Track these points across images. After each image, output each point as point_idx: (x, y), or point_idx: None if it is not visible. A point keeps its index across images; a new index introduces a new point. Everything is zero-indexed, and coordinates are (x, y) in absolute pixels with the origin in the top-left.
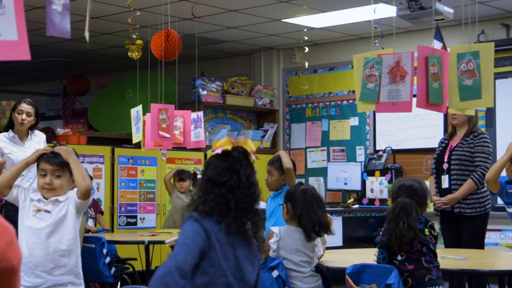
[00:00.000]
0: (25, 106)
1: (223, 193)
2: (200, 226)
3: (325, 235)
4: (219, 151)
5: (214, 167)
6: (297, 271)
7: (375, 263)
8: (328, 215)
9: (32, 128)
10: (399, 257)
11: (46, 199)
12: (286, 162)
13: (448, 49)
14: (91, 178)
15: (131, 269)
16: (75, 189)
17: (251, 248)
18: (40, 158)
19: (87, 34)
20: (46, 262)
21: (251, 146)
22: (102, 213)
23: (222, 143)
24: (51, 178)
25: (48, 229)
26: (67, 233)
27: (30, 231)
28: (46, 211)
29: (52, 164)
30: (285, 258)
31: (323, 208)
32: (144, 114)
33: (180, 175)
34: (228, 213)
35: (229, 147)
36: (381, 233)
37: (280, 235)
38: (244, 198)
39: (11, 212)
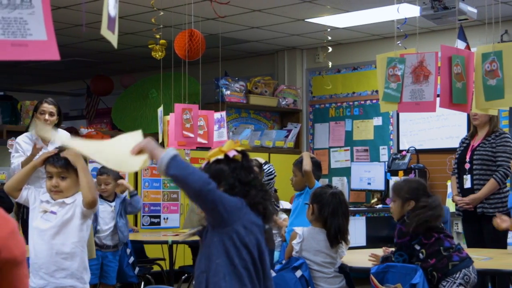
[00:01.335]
0: (47, 106)
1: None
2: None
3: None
4: (234, 152)
5: (234, 169)
6: (320, 271)
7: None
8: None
9: (55, 127)
10: (420, 255)
11: (54, 200)
12: (305, 164)
13: (472, 49)
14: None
15: (157, 269)
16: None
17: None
18: (46, 161)
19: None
20: (49, 264)
21: (238, 144)
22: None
23: (229, 146)
24: (57, 180)
25: (53, 230)
26: (71, 236)
27: (36, 231)
28: (52, 212)
29: (57, 166)
30: (308, 259)
31: (346, 216)
32: (167, 114)
33: None
34: (265, 204)
35: (242, 147)
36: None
37: (303, 236)
38: (264, 188)
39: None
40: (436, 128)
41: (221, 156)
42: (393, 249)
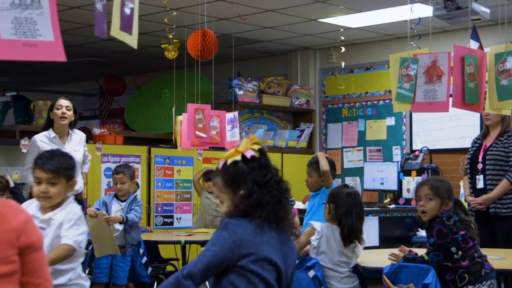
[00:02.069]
0: (63, 101)
1: (272, 191)
2: (230, 236)
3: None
4: (252, 152)
5: (252, 170)
6: (335, 270)
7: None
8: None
9: (72, 126)
10: (455, 256)
11: (42, 213)
12: (323, 164)
13: (485, 49)
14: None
15: (170, 269)
16: (67, 224)
17: (288, 244)
18: (35, 164)
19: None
20: None
21: (258, 140)
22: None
23: (246, 146)
24: (46, 186)
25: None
26: None
27: None
28: (41, 228)
29: (47, 171)
30: (325, 255)
31: (361, 216)
32: (180, 114)
33: (209, 175)
34: (282, 207)
35: (259, 146)
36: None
37: (322, 232)
38: (283, 187)
39: None
40: (449, 128)
41: (238, 157)
42: (408, 248)
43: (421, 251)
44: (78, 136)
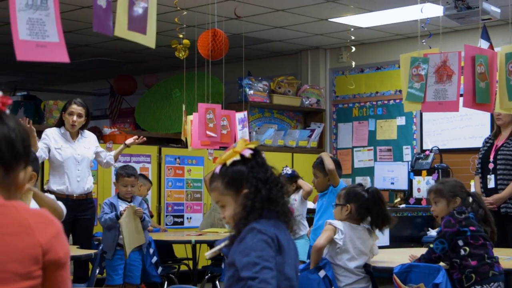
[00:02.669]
0: (75, 108)
1: (273, 188)
2: (267, 237)
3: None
4: (250, 151)
5: (252, 168)
6: (350, 271)
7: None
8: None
9: (82, 128)
10: (462, 252)
11: None
12: (328, 163)
13: (495, 49)
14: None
15: (184, 269)
16: None
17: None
18: None
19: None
20: None
21: (248, 143)
22: (151, 215)
23: (242, 145)
24: None
25: None
26: None
27: None
28: None
29: None
30: (347, 254)
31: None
32: (190, 113)
33: None
34: (284, 204)
35: (255, 144)
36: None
37: (345, 232)
38: (280, 184)
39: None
40: (460, 128)
41: (237, 158)
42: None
43: None
44: (87, 139)
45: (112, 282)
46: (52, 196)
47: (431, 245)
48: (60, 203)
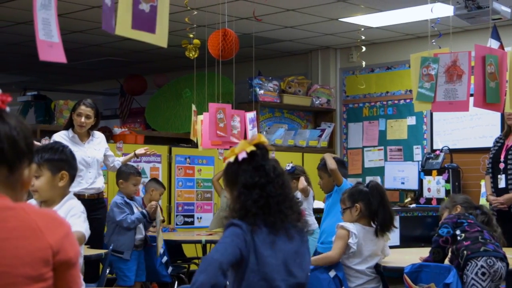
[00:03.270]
0: (84, 109)
1: (260, 194)
2: (240, 229)
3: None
4: (244, 155)
5: (243, 172)
6: (361, 272)
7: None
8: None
9: (92, 128)
10: (458, 238)
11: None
12: (330, 163)
13: (506, 49)
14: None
15: (194, 268)
16: (72, 216)
17: (297, 247)
18: None
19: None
20: None
21: (264, 139)
22: (163, 221)
23: (242, 147)
24: (33, 180)
25: None
26: None
27: None
28: None
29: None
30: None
31: (389, 202)
32: (200, 113)
33: None
34: (269, 212)
35: (252, 148)
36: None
37: (358, 235)
38: (276, 190)
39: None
40: (470, 128)
41: (233, 158)
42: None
43: None
44: (98, 139)
45: (128, 283)
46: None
47: (437, 233)
48: (79, 228)
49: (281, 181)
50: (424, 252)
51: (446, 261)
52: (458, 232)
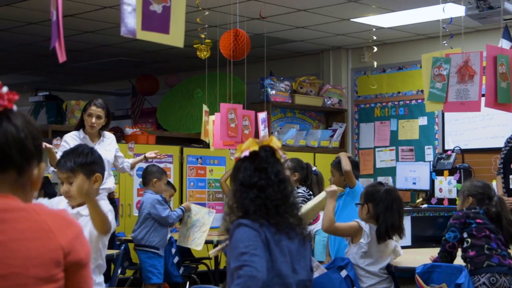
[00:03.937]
0: (95, 109)
1: (257, 194)
2: (253, 230)
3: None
4: (246, 153)
5: (244, 170)
6: (372, 273)
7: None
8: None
9: (103, 129)
10: (464, 244)
11: (72, 208)
12: (345, 164)
13: None
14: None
15: (202, 269)
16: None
17: (298, 247)
18: (56, 165)
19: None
20: None
21: (276, 143)
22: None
23: (248, 145)
24: (67, 186)
25: None
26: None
27: None
28: None
29: (63, 171)
30: (371, 259)
31: (401, 212)
32: (212, 113)
33: None
34: (267, 213)
35: (256, 148)
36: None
37: (370, 236)
38: (276, 195)
39: None
40: (481, 128)
41: (238, 155)
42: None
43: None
44: (108, 139)
45: (158, 281)
46: (108, 207)
47: (444, 238)
48: (111, 217)
49: (283, 187)
50: (435, 252)
51: (459, 258)
52: (465, 235)
